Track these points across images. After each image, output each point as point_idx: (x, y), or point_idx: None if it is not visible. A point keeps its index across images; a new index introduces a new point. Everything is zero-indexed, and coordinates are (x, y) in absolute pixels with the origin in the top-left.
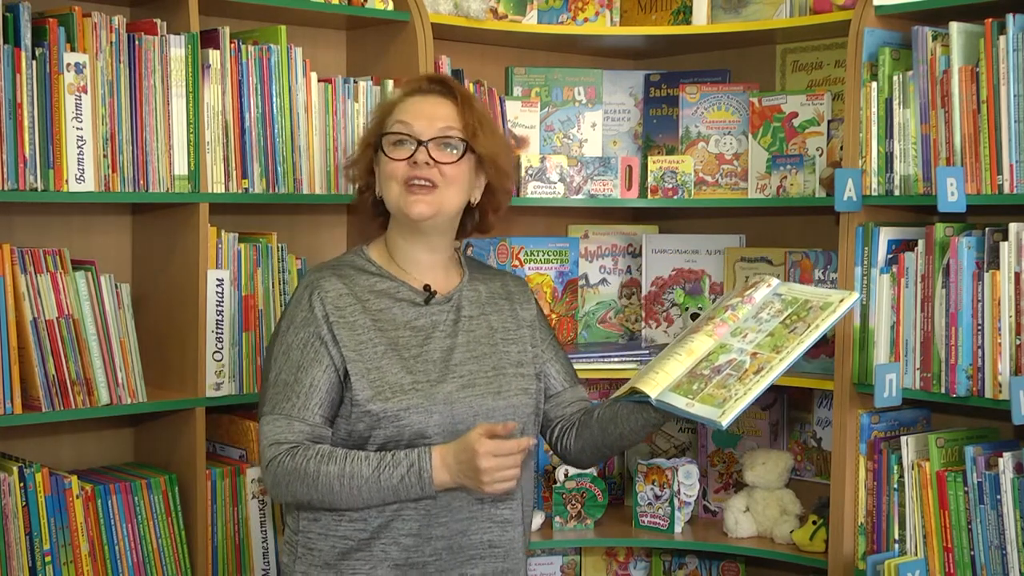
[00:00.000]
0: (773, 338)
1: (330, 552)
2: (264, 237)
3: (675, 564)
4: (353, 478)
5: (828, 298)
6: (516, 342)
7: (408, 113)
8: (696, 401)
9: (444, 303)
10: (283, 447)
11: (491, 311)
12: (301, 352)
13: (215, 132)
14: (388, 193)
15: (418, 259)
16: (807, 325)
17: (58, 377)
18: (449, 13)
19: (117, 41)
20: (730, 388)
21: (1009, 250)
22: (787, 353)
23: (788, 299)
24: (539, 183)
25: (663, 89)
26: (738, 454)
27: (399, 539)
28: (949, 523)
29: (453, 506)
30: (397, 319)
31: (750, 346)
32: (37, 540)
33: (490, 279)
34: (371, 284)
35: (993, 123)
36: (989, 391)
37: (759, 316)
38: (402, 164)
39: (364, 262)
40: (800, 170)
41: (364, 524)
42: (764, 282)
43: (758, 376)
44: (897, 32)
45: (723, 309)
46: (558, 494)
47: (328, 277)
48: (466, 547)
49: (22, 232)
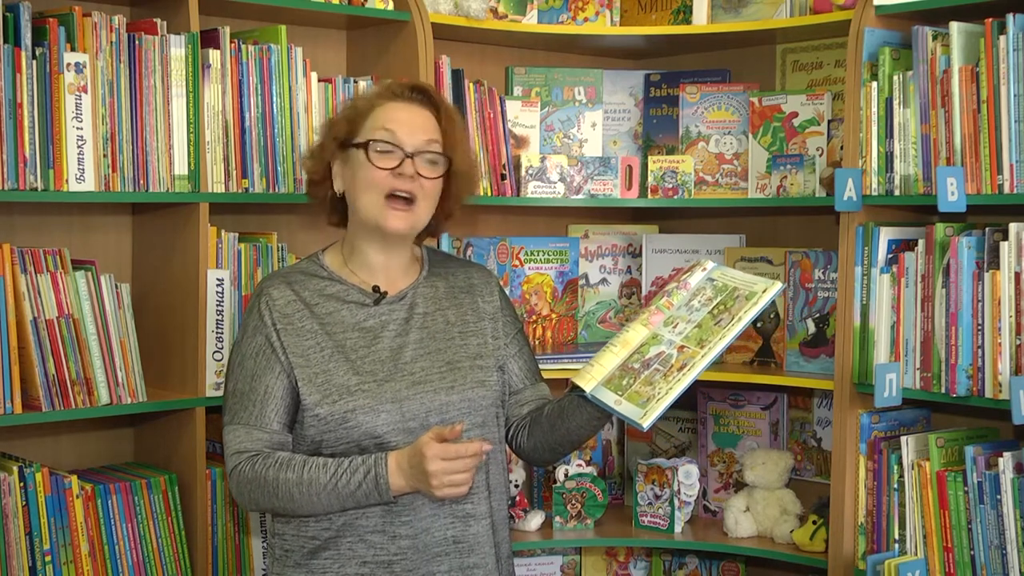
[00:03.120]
0: (700, 330)
1: (300, 552)
2: (264, 237)
3: (675, 564)
4: (311, 485)
5: (753, 287)
6: (476, 334)
7: (392, 120)
8: (624, 399)
9: (395, 302)
10: (243, 456)
11: (448, 306)
12: (254, 360)
13: (215, 132)
14: (363, 200)
15: (375, 262)
16: (731, 317)
17: (58, 377)
18: (449, 13)
19: (117, 41)
20: (655, 385)
21: (1009, 250)
22: (709, 349)
23: (719, 286)
24: (539, 183)
25: (663, 89)
26: (738, 454)
27: (365, 536)
28: (949, 523)
29: (416, 504)
30: (345, 321)
31: (678, 338)
32: (37, 540)
33: (453, 273)
34: (321, 288)
35: (993, 123)
36: (989, 391)
37: (691, 304)
38: (385, 173)
39: (316, 267)
40: (800, 170)
41: (328, 523)
42: (700, 266)
43: (680, 373)
44: (897, 32)
45: (660, 296)
46: (558, 494)
47: (277, 285)
48: (431, 544)
49: (22, 232)
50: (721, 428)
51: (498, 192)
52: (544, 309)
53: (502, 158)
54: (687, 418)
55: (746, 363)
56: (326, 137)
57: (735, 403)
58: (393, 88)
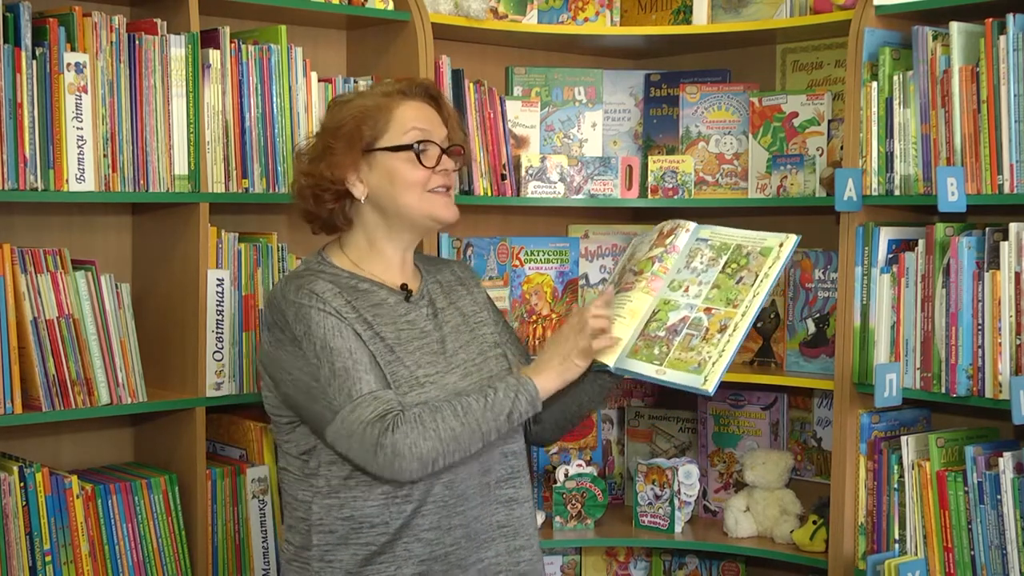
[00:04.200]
0: (722, 291)
1: (351, 560)
2: (264, 237)
3: (675, 564)
4: (468, 413)
5: (765, 242)
6: (485, 324)
7: (419, 119)
8: (667, 367)
9: (420, 299)
10: (389, 416)
11: (455, 299)
12: (340, 338)
13: (215, 132)
14: (408, 199)
15: (394, 260)
16: (754, 275)
17: (58, 377)
18: (449, 13)
19: (117, 41)
20: (699, 350)
21: (1009, 250)
22: (747, 307)
23: (717, 244)
24: (539, 183)
25: (663, 89)
26: (738, 454)
27: (421, 535)
28: (949, 523)
29: (468, 493)
30: (388, 315)
31: (699, 301)
32: (37, 540)
33: (439, 270)
34: (353, 284)
35: (993, 123)
36: (989, 391)
37: (692, 266)
38: (428, 172)
39: (334, 269)
40: (800, 170)
41: (385, 528)
42: (681, 227)
43: (725, 335)
44: (897, 32)
45: (648, 262)
46: (558, 494)
47: (313, 281)
48: (480, 532)
49: (22, 232)
50: (721, 428)
51: (498, 192)
52: (544, 309)
53: (502, 158)
54: (687, 418)
55: (746, 363)
56: (337, 145)
57: (735, 403)
58: (400, 87)
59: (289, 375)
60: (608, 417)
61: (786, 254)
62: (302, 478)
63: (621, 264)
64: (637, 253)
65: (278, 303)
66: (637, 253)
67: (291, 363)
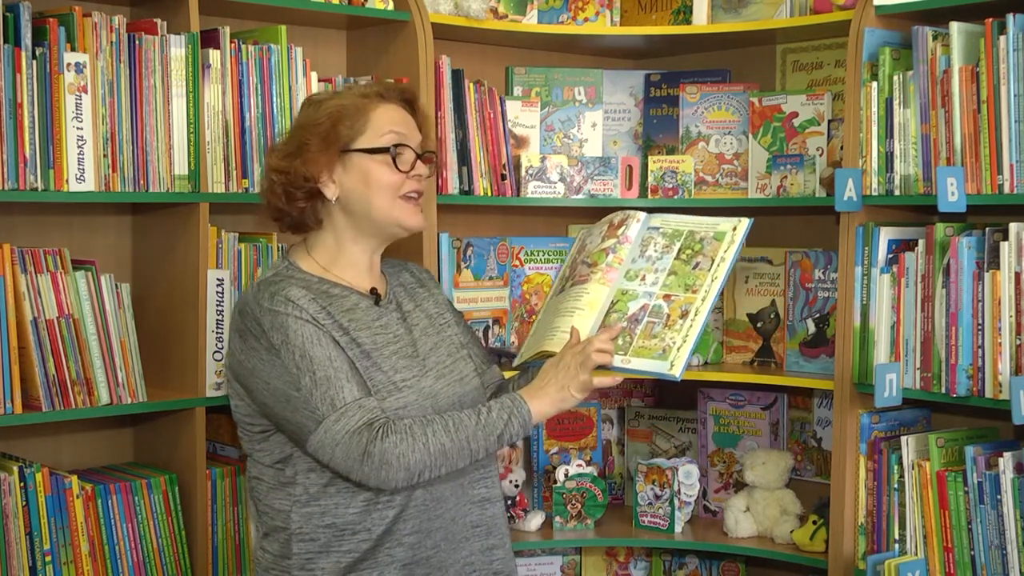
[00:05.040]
0: (679, 277)
1: (334, 568)
2: (264, 237)
3: (675, 564)
4: (468, 433)
5: (717, 227)
6: (449, 326)
7: (395, 123)
8: (631, 356)
9: (388, 303)
10: (377, 424)
11: (419, 301)
12: (318, 346)
13: (215, 132)
14: (380, 202)
15: (362, 264)
16: (710, 260)
17: (58, 377)
18: (449, 13)
19: (117, 41)
20: (662, 337)
21: (1009, 250)
22: (706, 292)
23: (669, 232)
24: (539, 183)
25: (663, 89)
26: (738, 454)
27: (403, 539)
28: (949, 523)
29: (444, 496)
30: (362, 319)
31: (657, 288)
32: (37, 540)
33: (399, 272)
34: (325, 289)
35: (993, 123)
36: (989, 391)
37: (647, 255)
38: (403, 176)
39: (303, 274)
40: (800, 170)
41: (368, 534)
42: (632, 217)
43: (688, 320)
44: (897, 32)
45: (602, 253)
46: (558, 494)
47: (287, 288)
48: (456, 532)
49: (22, 232)
50: (721, 428)
51: (498, 192)
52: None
53: (502, 158)
54: (687, 418)
55: (746, 363)
56: (313, 144)
57: (735, 403)
58: (379, 90)
59: (266, 384)
60: (608, 417)
61: (740, 237)
62: (277, 487)
63: (571, 257)
64: (588, 245)
65: (252, 311)
66: (588, 245)
67: (268, 372)
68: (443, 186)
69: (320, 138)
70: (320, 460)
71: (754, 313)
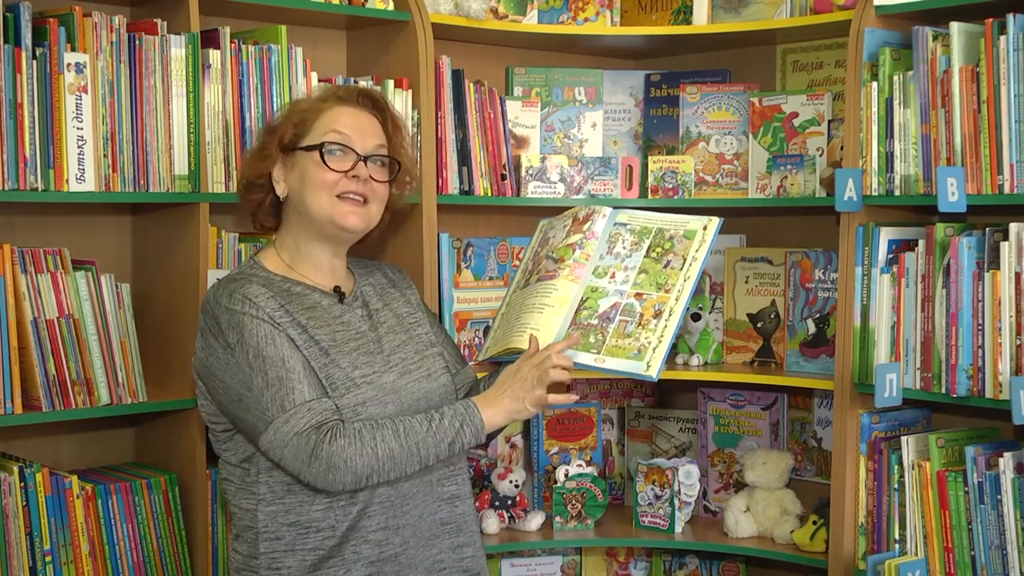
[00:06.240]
0: (650, 275)
1: (300, 567)
2: (264, 237)
3: (675, 564)
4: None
5: (687, 225)
6: (420, 324)
7: (344, 124)
8: (605, 355)
9: (353, 301)
10: (326, 427)
11: (389, 300)
12: (272, 346)
13: (215, 132)
14: (315, 201)
15: (324, 263)
16: (682, 259)
17: (58, 377)
18: (449, 13)
19: (117, 41)
20: (636, 336)
21: (1009, 250)
22: (679, 292)
23: (637, 229)
24: (539, 183)
25: (663, 89)
26: (738, 454)
27: (369, 536)
28: (949, 523)
29: (411, 492)
30: (323, 317)
31: (627, 287)
32: (37, 540)
33: (372, 272)
34: (286, 288)
35: (993, 123)
36: (989, 391)
37: (615, 252)
38: (338, 176)
39: (266, 272)
40: (800, 170)
41: (332, 532)
42: (597, 212)
43: (662, 320)
44: (897, 32)
45: (568, 248)
46: (558, 494)
47: (245, 285)
48: (425, 530)
49: (22, 232)
50: (721, 428)
51: (498, 192)
52: None
53: (502, 158)
54: (687, 418)
55: (746, 363)
56: (269, 141)
57: (735, 403)
58: (340, 92)
59: (222, 383)
60: (608, 417)
61: (711, 236)
62: (243, 487)
63: (532, 250)
64: (552, 240)
65: (211, 308)
66: (552, 240)
67: (223, 371)
68: (443, 186)
69: (275, 137)
70: (272, 460)
71: (754, 313)
